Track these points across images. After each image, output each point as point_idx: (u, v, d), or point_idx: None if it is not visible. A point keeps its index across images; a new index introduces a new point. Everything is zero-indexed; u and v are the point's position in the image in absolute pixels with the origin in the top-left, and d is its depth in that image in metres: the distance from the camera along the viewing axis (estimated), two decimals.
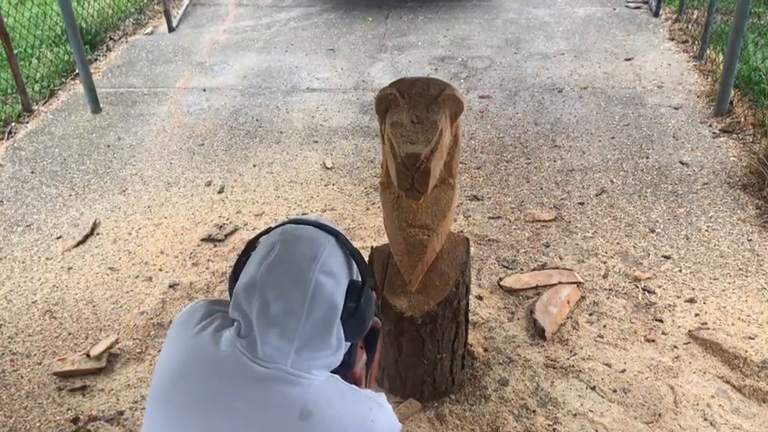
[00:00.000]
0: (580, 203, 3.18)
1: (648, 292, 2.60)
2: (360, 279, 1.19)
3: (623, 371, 2.25)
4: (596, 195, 3.24)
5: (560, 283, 2.63)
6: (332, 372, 1.15)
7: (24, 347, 2.48)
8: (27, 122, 4.19)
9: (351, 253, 1.17)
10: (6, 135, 4.03)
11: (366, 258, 2.09)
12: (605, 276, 2.70)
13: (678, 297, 2.58)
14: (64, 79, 4.75)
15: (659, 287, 2.63)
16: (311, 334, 1.08)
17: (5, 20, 4.30)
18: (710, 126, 3.80)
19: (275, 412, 1.04)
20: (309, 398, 1.06)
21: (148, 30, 5.71)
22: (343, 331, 1.14)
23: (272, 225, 1.21)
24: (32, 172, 3.65)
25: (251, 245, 1.19)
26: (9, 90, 4.41)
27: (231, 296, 1.15)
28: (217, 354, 1.09)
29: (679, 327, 2.43)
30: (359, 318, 1.15)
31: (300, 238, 1.13)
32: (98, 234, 3.11)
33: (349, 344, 1.19)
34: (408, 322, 1.91)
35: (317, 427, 1.04)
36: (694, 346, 2.35)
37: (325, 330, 1.09)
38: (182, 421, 1.07)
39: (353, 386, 1.18)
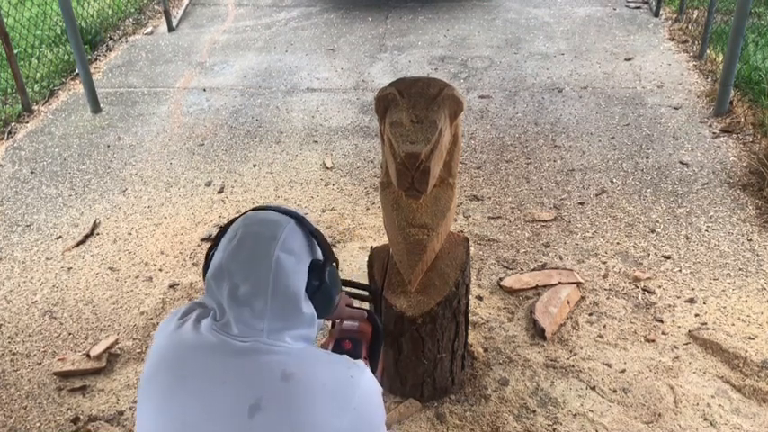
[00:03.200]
0: (580, 203, 3.18)
1: (648, 292, 2.60)
2: (322, 258, 1.23)
3: (623, 371, 2.25)
4: (596, 195, 3.24)
5: (560, 283, 2.63)
6: None
7: (24, 347, 2.48)
8: (27, 122, 4.19)
9: (312, 233, 1.22)
10: (6, 135, 4.03)
11: (366, 258, 2.10)
12: (605, 276, 2.70)
13: (678, 297, 2.58)
14: (64, 79, 4.75)
15: (659, 287, 2.63)
16: (280, 310, 1.13)
17: (5, 20, 4.30)
18: (710, 126, 3.80)
19: (257, 377, 1.09)
20: (289, 361, 1.11)
21: (148, 30, 5.71)
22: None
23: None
24: (32, 172, 3.65)
25: (219, 235, 1.23)
26: (9, 90, 4.41)
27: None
28: (197, 337, 1.14)
29: (679, 327, 2.43)
30: (324, 294, 1.21)
31: (261, 221, 1.18)
32: (98, 234, 3.11)
33: (321, 320, 1.26)
34: (408, 322, 1.91)
35: (300, 385, 1.08)
36: (694, 346, 2.35)
37: (292, 305, 1.15)
38: (167, 400, 1.11)
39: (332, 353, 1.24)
